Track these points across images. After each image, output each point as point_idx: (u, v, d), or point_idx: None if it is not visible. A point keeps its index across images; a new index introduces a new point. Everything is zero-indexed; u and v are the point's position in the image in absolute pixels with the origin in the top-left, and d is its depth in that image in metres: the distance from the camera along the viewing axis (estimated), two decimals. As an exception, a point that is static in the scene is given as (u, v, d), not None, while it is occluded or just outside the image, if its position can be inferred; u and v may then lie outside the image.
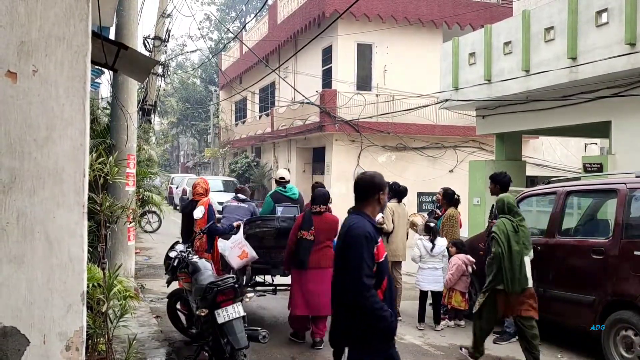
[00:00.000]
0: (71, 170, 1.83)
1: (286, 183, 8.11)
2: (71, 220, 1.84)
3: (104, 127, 10.52)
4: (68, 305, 1.85)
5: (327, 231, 6.63)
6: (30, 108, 1.78)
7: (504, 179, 7.09)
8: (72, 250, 1.85)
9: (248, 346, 5.21)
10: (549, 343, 7.03)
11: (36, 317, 1.83)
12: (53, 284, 1.84)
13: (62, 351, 1.85)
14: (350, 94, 18.55)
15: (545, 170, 17.94)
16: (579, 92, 9.68)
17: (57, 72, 1.78)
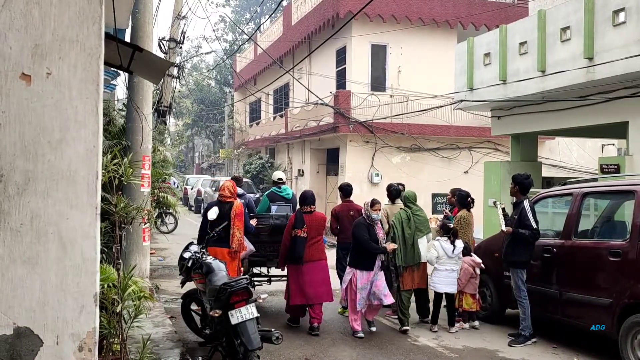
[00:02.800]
0: (84, 172, 1.84)
1: (282, 184, 9.03)
2: (84, 221, 1.85)
3: (119, 128, 10.60)
4: (81, 306, 1.86)
5: (318, 227, 7.46)
6: (44, 110, 1.79)
7: (525, 181, 7.18)
8: (85, 252, 1.86)
9: (262, 347, 5.22)
10: (564, 346, 6.96)
11: (49, 318, 1.84)
12: (66, 285, 1.85)
13: (75, 352, 1.86)
14: (365, 94, 18.51)
15: (562, 172, 17.75)
16: (595, 92, 9.57)
17: (71, 74, 1.79)
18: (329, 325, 7.70)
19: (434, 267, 7.67)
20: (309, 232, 7.28)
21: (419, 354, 6.51)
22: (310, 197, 7.59)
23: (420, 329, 7.65)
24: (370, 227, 7.08)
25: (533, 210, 7.00)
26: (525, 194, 7.23)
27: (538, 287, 7.15)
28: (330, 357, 6.25)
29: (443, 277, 7.58)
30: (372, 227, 7.10)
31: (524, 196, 7.16)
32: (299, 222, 7.29)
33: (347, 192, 8.61)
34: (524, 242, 6.94)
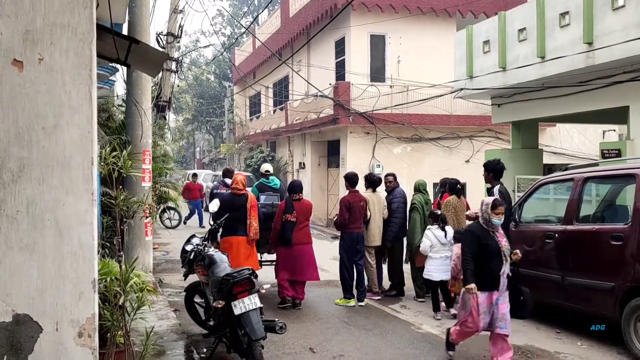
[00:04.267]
0: (79, 158, 1.83)
1: (270, 175, 9.69)
2: (80, 208, 1.84)
3: (119, 123, 10.60)
4: (79, 292, 1.86)
5: (305, 213, 8.20)
6: (37, 96, 1.79)
7: (496, 167, 7.52)
8: (82, 238, 1.85)
9: (265, 337, 5.23)
10: (568, 331, 6.97)
11: (48, 305, 1.84)
12: (64, 272, 1.85)
13: (75, 338, 1.86)
14: (364, 85, 18.45)
15: (563, 158, 17.72)
16: (595, 77, 9.54)
17: (63, 60, 1.78)
18: (331, 315, 7.72)
19: (428, 256, 7.70)
20: (297, 217, 7.99)
21: (423, 342, 6.53)
22: (298, 186, 8.32)
23: (424, 317, 7.67)
24: (488, 235, 5.52)
25: (502, 195, 7.14)
26: (499, 179, 7.47)
27: (540, 273, 7.15)
28: (335, 347, 6.26)
29: (438, 265, 7.63)
30: (491, 235, 5.53)
31: (497, 182, 7.44)
32: (289, 207, 8.00)
33: (354, 182, 8.58)
34: None
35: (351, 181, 8.60)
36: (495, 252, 5.45)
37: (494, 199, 5.59)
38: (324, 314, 7.81)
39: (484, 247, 5.44)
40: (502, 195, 7.20)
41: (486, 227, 5.53)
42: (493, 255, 5.43)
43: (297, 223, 7.98)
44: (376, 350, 6.14)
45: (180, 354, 5.66)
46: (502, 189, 7.37)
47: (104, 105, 11.36)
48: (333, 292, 8.69)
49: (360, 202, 8.36)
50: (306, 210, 8.21)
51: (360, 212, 8.31)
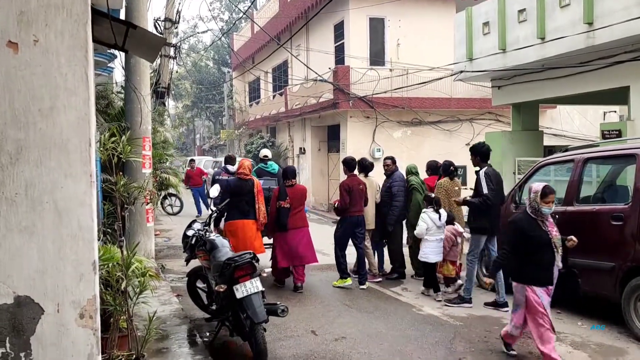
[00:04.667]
0: (77, 140, 1.83)
1: (268, 161, 10.01)
2: (79, 190, 1.84)
3: (118, 110, 10.58)
4: (80, 274, 1.87)
5: (300, 198, 8.33)
6: (33, 78, 1.78)
7: (482, 149, 7.41)
8: (81, 220, 1.86)
9: (267, 320, 5.26)
10: (568, 311, 7.00)
11: (49, 286, 1.85)
12: (64, 254, 1.85)
13: (77, 319, 1.87)
14: (364, 69, 18.36)
15: (564, 140, 17.69)
16: (596, 58, 9.49)
17: (58, 41, 1.77)
18: (333, 298, 7.76)
19: (424, 239, 7.77)
20: (292, 202, 8.15)
21: (424, 323, 6.56)
22: (291, 172, 8.46)
23: (425, 299, 7.71)
24: (537, 226, 5.09)
25: (487, 177, 7.07)
26: (486, 161, 7.36)
27: (541, 254, 7.16)
28: (336, 329, 6.30)
29: (433, 247, 7.72)
30: (539, 226, 5.10)
31: (485, 164, 7.31)
32: (282, 194, 8.15)
33: (352, 166, 8.64)
34: (479, 210, 7.10)
35: (349, 165, 8.65)
36: (545, 244, 5.05)
37: (544, 186, 5.09)
38: (325, 297, 7.85)
39: (532, 239, 5.03)
40: (489, 177, 7.13)
41: (534, 217, 5.10)
42: (543, 247, 5.04)
43: (292, 208, 8.16)
44: (377, 332, 6.18)
45: (183, 338, 5.70)
46: (489, 171, 7.23)
47: (102, 92, 11.33)
48: (334, 276, 8.72)
49: (360, 186, 8.42)
50: (300, 196, 8.37)
51: (360, 195, 8.39)
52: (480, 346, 5.75)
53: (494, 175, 7.20)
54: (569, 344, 5.82)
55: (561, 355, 5.43)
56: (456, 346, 5.76)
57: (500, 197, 7.38)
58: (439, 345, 5.79)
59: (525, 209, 5.22)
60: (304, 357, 5.39)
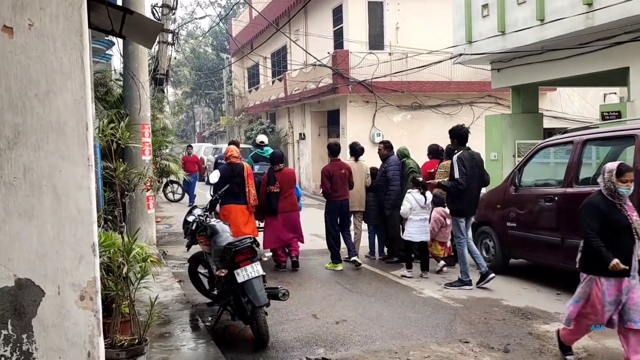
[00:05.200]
0: (74, 124, 1.84)
1: (265, 146, 10.28)
2: (77, 173, 1.86)
3: (117, 97, 10.57)
4: (80, 256, 1.89)
5: (289, 182, 8.54)
6: (29, 63, 1.78)
7: (460, 132, 7.58)
8: (80, 203, 1.87)
9: (269, 304, 5.31)
10: (567, 292, 7.02)
11: (49, 269, 1.87)
12: (63, 236, 1.87)
13: (77, 301, 1.90)
14: (363, 53, 18.28)
15: (563, 123, 17.65)
16: (595, 39, 9.45)
17: (53, 25, 1.77)
18: (334, 282, 7.81)
19: (408, 219, 8.02)
20: (281, 187, 8.38)
21: (425, 306, 6.61)
22: (278, 157, 8.71)
23: (425, 282, 7.75)
24: (615, 209, 4.52)
25: (460, 161, 7.20)
26: (464, 144, 7.49)
27: (540, 236, 7.21)
28: (338, 313, 6.35)
29: (418, 227, 7.94)
30: (618, 208, 4.52)
31: (462, 147, 7.44)
32: (271, 179, 8.41)
33: (335, 151, 8.81)
34: (453, 192, 7.29)
35: (332, 150, 8.84)
36: (624, 229, 4.47)
37: (619, 164, 4.55)
38: (326, 281, 7.90)
39: (610, 224, 4.47)
40: (462, 161, 7.20)
41: (612, 199, 4.52)
42: (622, 233, 4.47)
43: (282, 192, 8.39)
44: (378, 315, 6.22)
45: (185, 322, 5.75)
46: (463, 155, 7.30)
47: (101, 79, 11.31)
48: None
49: (342, 171, 8.55)
50: (289, 180, 8.60)
51: (343, 180, 8.54)
52: (480, 327, 5.80)
53: (468, 159, 7.27)
54: (568, 324, 5.85)
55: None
56: (456, 328, 5.81)
57: (479, 179, 7.44)
58: (439, 327, 5.84)
59: (600, 190, 4.65)
60: (305, 340, 5.44)
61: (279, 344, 5.35)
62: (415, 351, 5.11)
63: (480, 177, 7.44)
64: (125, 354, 4.12)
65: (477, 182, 7.39)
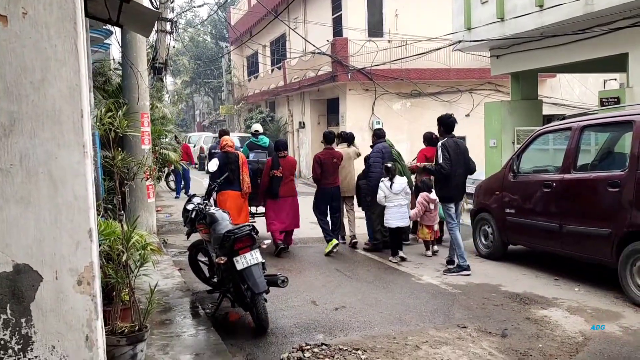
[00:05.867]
0: (69, 111, 1.86)
1: (259, 135, 10.74)
2: (73, 160, 1.88)
3: (116, 87, 10.56)
4: (76, 242, 1.92)
5: (290, 169, 8.91)
6: (23, 51, 1.80)
7: (447, 120, 7.68)
8: (76, 189, 1.90)
9: (268, 291, 5.35)
10: (565, 277, 7.09)
11: (47, 255, 1.90)
12: (60, 223, 1.90)
13: (75, 286, 1.93)
14: (362, 41, 18.22)
15: (563, 109, 17.63)
16: (594, 25, 9.42)
17: (47, 13, 1.79)
18: (333, 269, 7.86)
19: (385, 206, 8.23)
20: (283, 172, 8.72)
21: (423, 292, 6.66)
22: (282, 144, 9.09)
23: (425, 269, 7.80)
24: None
25: (444, 147, 7.39)
26: (450, 132, 7.62)
27: (539, 222, 7.24)
28: (336, 299, 6.39)
29: (394, 212, 8.16)
30: None
31: (448, 135, 7.58)
32: (275, 164, 8.70)
33: (329, 139, 9.10)
34: (439, 179, 7.58)
35: (326, 138, 9.16)
36: None
37: None
38: (326, 268, 7.95)
39: None
40: (446, 148, 7.38)
41: None
42: None
43: (283, 178, 8.72)
44: (377, 301, 6.27)
45: (186, 309, 5.79)
46: (448, 142, 7.46)
47: (100, 68, 11.29)
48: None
49: (333, 159, 8.90)
50: (291, 166, 8.97)
51: (334, 168, 8.89)
52: (478, 313, 5.84)
53: (452, 147, 7.44)
54: (565, 309, 5.91)
55: (557, 320, 5.54)
56: (454, 313, 5.85)
57: (464, 166, 7.57)
58: (438, 312, 5.89)
59: None
60: (304, 326, 5.49)
61: (279, 330, 5.40)
62: (413, 336, 5.16)
63: (465, 164, 7.61)
64: (125, 340, 4.16)
65: (462, 169, 7.56)
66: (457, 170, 7.43)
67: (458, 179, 7.51)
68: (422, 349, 4.84)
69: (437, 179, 7.66)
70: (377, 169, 8.74)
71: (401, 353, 4.76)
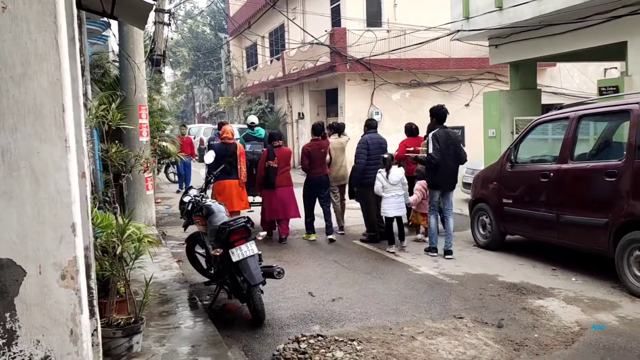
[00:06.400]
0: (50, 106, 1.86)
1: (255, 126, 11.09)
2: (55, 154, 1.88)
3: (113, 79, 10.54)
4: (60, 236, 1.92)
5: (285, 159, 9.08)
6: (3, 45, 1.79)
7: (439, 112, 7.99)
8: (59, 184, 1.90)
9: (264, 282, 5.37)
10: (563, 267, 7.10)
11: (30, 249, 1.90)
12: (43, 217, 1.90)
13: (58, 280, 1.93)
14: (361, 31, 18.15)
15: (563, 99, 17.59)
16: (593, 13, 9.35)
17: (27, 7, 1.78)
18: (331, 260, 7.87)
19: (383, 196, 8.31)
20: (279, 163, 8.91)
21: (420, 283, 6.67)
22: (277, 135, 9.31)
23: (422, 259, 7.81)
24: None
25: (435, 138, 7.65)
26: (441, 123, 7.92)
27: (536, 212, 7.24)
28: (333, 290, 6.41)
29: (391, 202, 8.23)
30: None
31: (439, 125, 7.87)
32: (271, 154, 8.91)
33: (317, 130, 9.32)
34: (427, 167, 7.95)
35: (314, 130, 9.39)
36: None
37: None
38: (323, 259, 7.96)
39: None
40: (436, 138, 7.63)
41: None
42: None
43: (279, 168, 8.92)
44: (374, 292, 6.28)
45: (183, 301, 5.81)
46: (438, 133, 7.71)
47: (98, 61, 11.27)
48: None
49: (321, 150, 9.17)
50: (286, 156, 9.16)
51: (322, 158, 9.19)
52: (475, 303, 5.85)
53: (443, 137, 7.70)
54: (562, 299, 5.92)
55: (553, 310, 5.55)
56: (451, 304, 5.87)
57: (455, 156, 7.83)
58: (434, 303, 5.90)
59: None
60: (300, 318, 5.50)
61: (275, 321, 5.42)
62: (409, 327, 5.17)
63: (456, 154, 7.83)
64: (121, 332, 4.19)
65: (453, 159, 7.80)
66: (447, 160, 7.69)
67: (448, 168, 7.77)
68: (418, 340, 4.86)
69: (427, 167, 7.95)
70: (360, 159, 8.82)
71: (396, 344, 4.78)
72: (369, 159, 8.72)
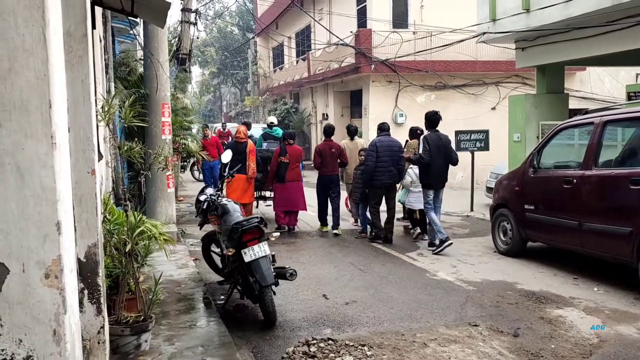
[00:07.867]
0: (37, 102, 1.84)
1: (274, 126, 12.14)
2: (40, 151, 1.86)
3: (138, 77, 10.65)
4: (44, 234, 1.90)
5: (296, 156, 10.02)
6: (-11, 40, 1.79)
7: (431, 117, 8.58)
8: (44, 181, 1.88)
9: (276, 283, 5.33)
10: (585, 276, 6.91)
11: (14, 247, 1.88)
12: (28, 215, 1.88)
13: (42, 279, 1.91)
14: (386, 32, 18.02)
15: (592, 103, 17.18)
16: (623, 16, 9.10)
17: (14, 2, 1.77)
18: (347, 262, 7.80)
19: (410, 190, 9.36)
20: (290, 159, 9.79)
21: (437, 288, 6.56)
22: (289, 135, 10.30)
23: (440, 264, 7.69)
24: None
25: (425, 140, 8.39)
26: (434, 127, 8.56)
27: (558, 219, 7.06)
28: (348, 293, 6.34)
29: (418, 197, 9.08)
30: None
31: (432, 130, 8.55)
32: (283, 151, 9.82)
33: (328, 132, 10.17)
34: (420, 168, 8.57)
35: (325, 132, 10.28)
36: None
37: None
38: (340, 261, 7.89)
39: None
40: (427, 141, 8.35)
41: None
42: None
43: (290, 164, 9.78)
44: (389, 297, 6.19)
45: (197, 300, 5.81)
46: (429, 135, 8.45)
47: (124, 59, 11.41)
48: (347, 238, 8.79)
49: (332, 150, 9.87)
50: (297, 154, 10.05)
51: (333, 158, 9.86)
52: (492, 311, 5.72)
53: (434, 140, 8.40)
54: (582, 309, 5.75)
55: (572, 321, 5.39)
56: (467, 311, 5.75)
57: (445, 157, 8.46)
58: (450, 309, 5.79)
59: None
60: (313, 320, 5.45)
61: (287, 323, 5.37)
62: (422, 333, 5.08)
63: (446, 155, 8.48)
64: (129, 330, 4.19)
65: (443, 160, 8.44)
66: (436, 161, 8.34)
67: (438, 169, 8.41)
68: (430, 347, 4.76)
69: (420, 169, 8.60)
70: (369, 162, 9.02)
71: (408, 350, 4.69)
72: (378, 161, 8.92)
